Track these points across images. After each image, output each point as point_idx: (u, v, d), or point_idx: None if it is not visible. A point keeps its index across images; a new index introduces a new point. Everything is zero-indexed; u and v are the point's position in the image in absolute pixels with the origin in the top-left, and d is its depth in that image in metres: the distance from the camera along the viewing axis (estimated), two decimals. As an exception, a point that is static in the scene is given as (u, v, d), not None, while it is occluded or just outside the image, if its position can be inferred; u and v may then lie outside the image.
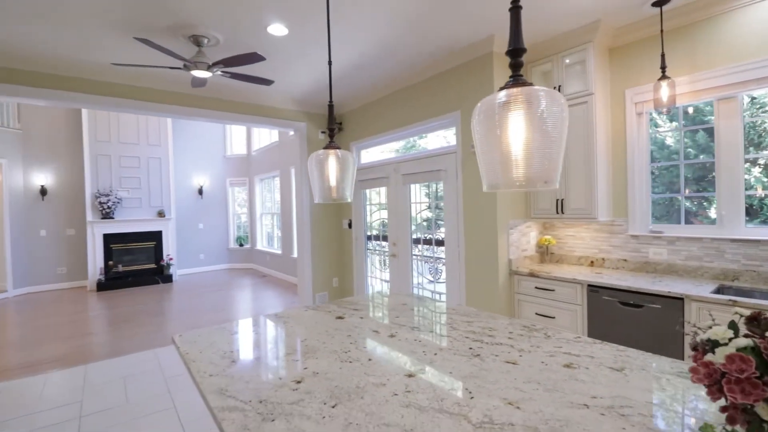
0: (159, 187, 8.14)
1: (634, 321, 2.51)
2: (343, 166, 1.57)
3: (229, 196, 9.59)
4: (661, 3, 2.55)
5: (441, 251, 3.94)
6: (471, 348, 1.43)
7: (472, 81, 3.30)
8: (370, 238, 4.99)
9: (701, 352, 0.78)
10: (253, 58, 2.88)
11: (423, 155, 3.96)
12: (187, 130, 8.98)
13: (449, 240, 3.69)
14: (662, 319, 2.38)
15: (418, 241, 4.29)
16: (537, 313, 3.05)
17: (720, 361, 0.71)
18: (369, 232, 5.01)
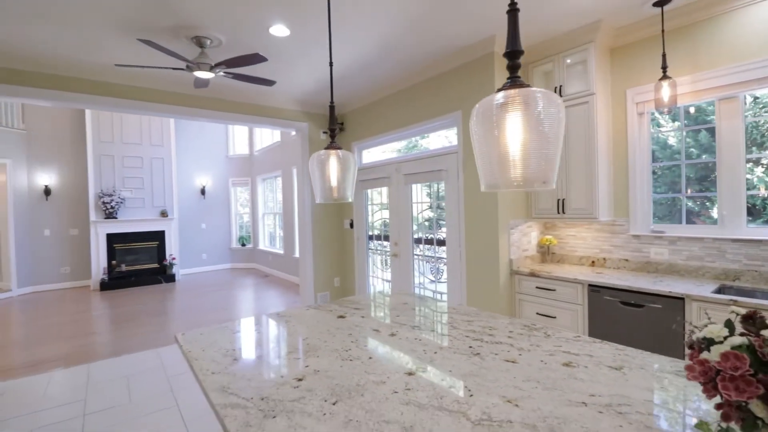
0: (162, 187, 8.18)
1: (635, 321, 2.51)
2: (344, 166, 1.58)
3: (231, 196, 9.63)
4: (662, 3, 2.55)
5: (442, 251, 3.95)
6: (471, 347, 1.44)
7: (474, 81, 3.31)
8: (372, 238, 5.00)
9: (697, 350, 0.79)
10: (255, 58, 2.90)
11: (424, 155, 3.97)
12: (189, 131, 9.01)
13: (450, 240, 3.69)
14: (663, 318, 2.38)
15: (419, 241, 4.30)
16: (538, 313, 3.06)
17: (715, 359, 0.72)
18: (370, 231, 5.02)
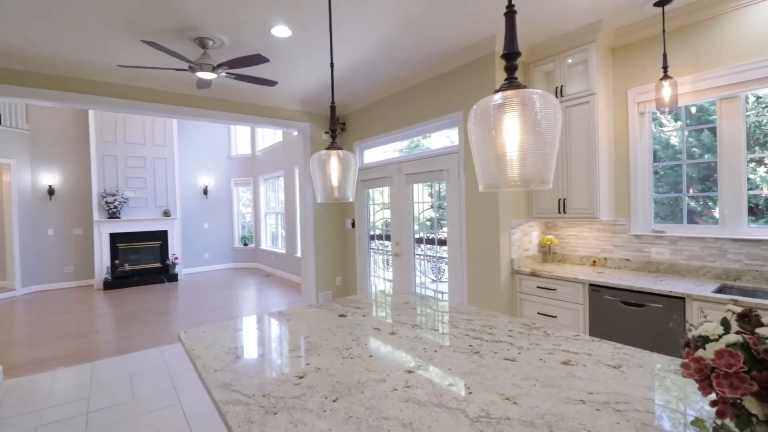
0: (164, 187, 8.22)
1: (636, 320, 2.52)
2: (344, 166, 1.59)
3: (233, 196, 9.66)
4: (663, 3, 2.55)
5: (444, 251, 3.96)
6: (471, 345, 1.45)
7: (475, 81, 3.32)
8: (373, 238, 5.01)
9: (693, 348, 0.80)
10: (257, 59, 2.91)
11: (426, 155, 3.97)
12: (192, 131, 9.05)
13: (451, 239, 3.70)
14: (664, 318, 2.39)
15: (420, 241, 4.30)
16: (539, 313, 3.06)
17: (710, 356, 0.73)
18: (372, 231, 5.04)
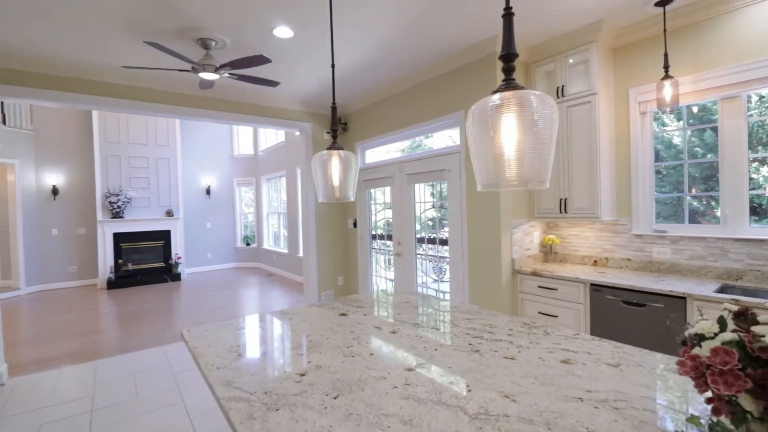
0: (167, 187, 8.26)
1: (637, 320, 2.52)
2: (345, 166, 1.61)
3: (236, 196, 9.70)
4: (664, 3, 2.55)
5: (445, 250, 3.97)
6: (471, 344, 1.46)
7: (476, 81, 3.33)
8: (375, 238, 5.02)
9: (689, 346, 0.81)
10: (259, 60, 2.93)
11: (427, 155, 3.98)
12: (194, 131, 9.09)
13: (453, 239, 3.71)
14: (665, 318, 2.39)
15: (422, 241, 4.32)
16: (540, 312, 3.07)
17: (705, 354, 0.74)
18: (374, 231, 5.05)
